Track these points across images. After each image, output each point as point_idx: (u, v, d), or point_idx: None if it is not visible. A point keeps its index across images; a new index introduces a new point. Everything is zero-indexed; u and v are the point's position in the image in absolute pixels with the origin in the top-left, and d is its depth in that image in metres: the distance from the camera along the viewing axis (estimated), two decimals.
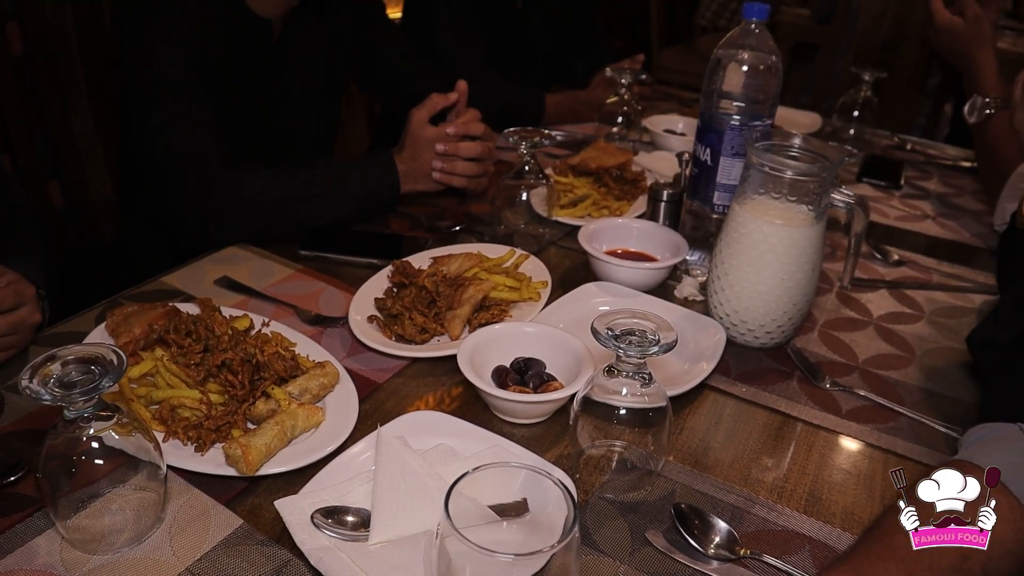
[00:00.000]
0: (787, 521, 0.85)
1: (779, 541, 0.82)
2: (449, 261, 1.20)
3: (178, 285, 1.21)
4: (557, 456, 0.91)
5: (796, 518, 0.85)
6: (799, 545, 0.82)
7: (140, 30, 1.35)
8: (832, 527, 0.84)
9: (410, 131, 1.41)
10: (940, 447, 0.97)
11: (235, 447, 0.82)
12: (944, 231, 1.60)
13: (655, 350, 0.79)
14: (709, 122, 1.21)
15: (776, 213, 1.05)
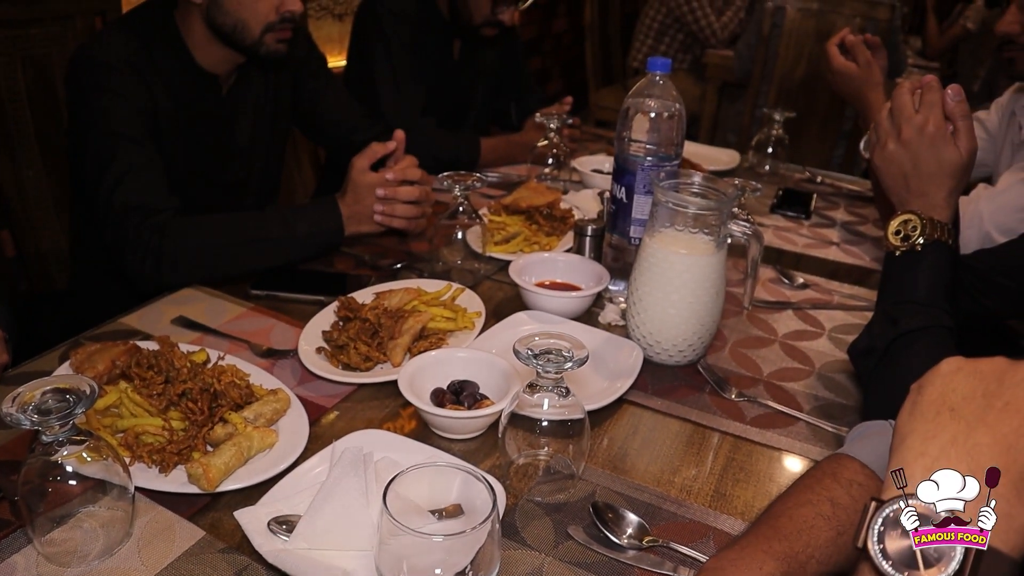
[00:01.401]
0: (694, 514, 0.96)
1: (686, 531, 0.93)
2: (390, 295, 1.30)
3: (137, 325, 1.29)
4: (490, 467, 1.02)
5: (702, 511, 0.97)
6: (703, 534, 0.93)
7: (95, 89, 1.44)
8: (734, 518, 0.96)
9: (352, 178, 1.51)
10: (831, 445, 1.10)
11: (197, 467, 0.91)
12: (847, 256, 1.76)
13: (569, 365, 0.90)
14: (623, 164, 1.35)
15: (681, 244, 1.18)
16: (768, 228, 1.87)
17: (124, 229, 1.37)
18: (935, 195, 1.11)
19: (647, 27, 4.84)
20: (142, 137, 1.44)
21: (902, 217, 1.11)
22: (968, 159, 1.11)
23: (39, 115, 1.91)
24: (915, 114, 1.11)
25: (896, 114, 1.13)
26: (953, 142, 1.10)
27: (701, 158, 2.18)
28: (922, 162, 1.10)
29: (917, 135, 1.10)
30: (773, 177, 2.23)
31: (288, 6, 1.53)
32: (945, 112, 1.11)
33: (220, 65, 1.60)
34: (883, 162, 1.14)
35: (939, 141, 1.09)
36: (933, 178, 1.10)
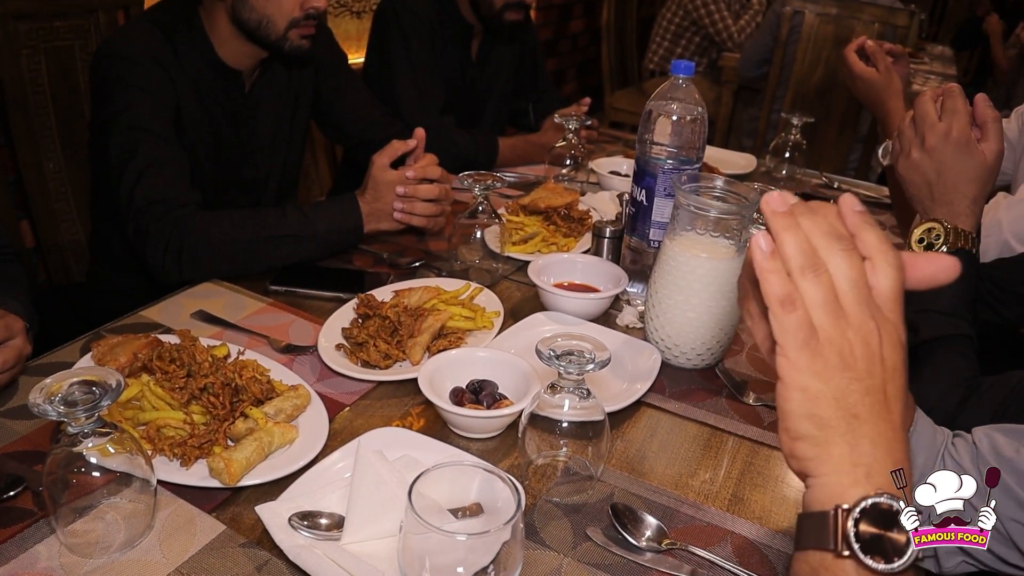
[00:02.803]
0: (712, 518, 0.96)
1: (704, 534, 0.93)
2: (410, 294, 1.30)
3: (157, 318, 1.29)
4: (509, 466, 1.02)
5: (720, 515, 0.97)
6: (722, 537, 0.93)
7: (119, 83, 1.44)
8: (751, 522, 0.96)
9: (372, 175, 1.52)
10: None
11: (218, 461, 0.91)
12: None
13: (591, 367, 0.90)
14: (644, 167, 1.35)
15: (702, 248, 1.18)
16: None
17: (146, 223, 1.38)
18: (959, 203, 1.11)
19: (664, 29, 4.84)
20: (165, 131, 1.45)
21: (926, 225, 1.11)
22: (994, 161, 1.11)
23: (61, 107, 1.93)
24: (939, 121, 1.10)
25: (919, 122, 1.12)
26: (978, 146, 1.10)
27: (718, 162, 2.18)
28: (946, 170, 1.10)
29: (942, 142, 1.10)
30: (790, 182, 2.23)
31: (312, 2, 1.54)
32: (975, 116, 1.11)
33: (243, 61, 1.61)
34: (907, 171, 1.14)
35: (963, 147, 1.09)
36: (957, 186, 1.10)
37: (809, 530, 0.58)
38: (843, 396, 0.57)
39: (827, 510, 0.56)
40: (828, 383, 0.57)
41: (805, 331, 0.57)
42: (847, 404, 0.57)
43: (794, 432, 0.58)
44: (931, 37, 6.03)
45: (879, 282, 0.59)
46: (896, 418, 0.58)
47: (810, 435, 0.58)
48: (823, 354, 0.57)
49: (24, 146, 1.88)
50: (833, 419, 0.57)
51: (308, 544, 0.83)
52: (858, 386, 0.57)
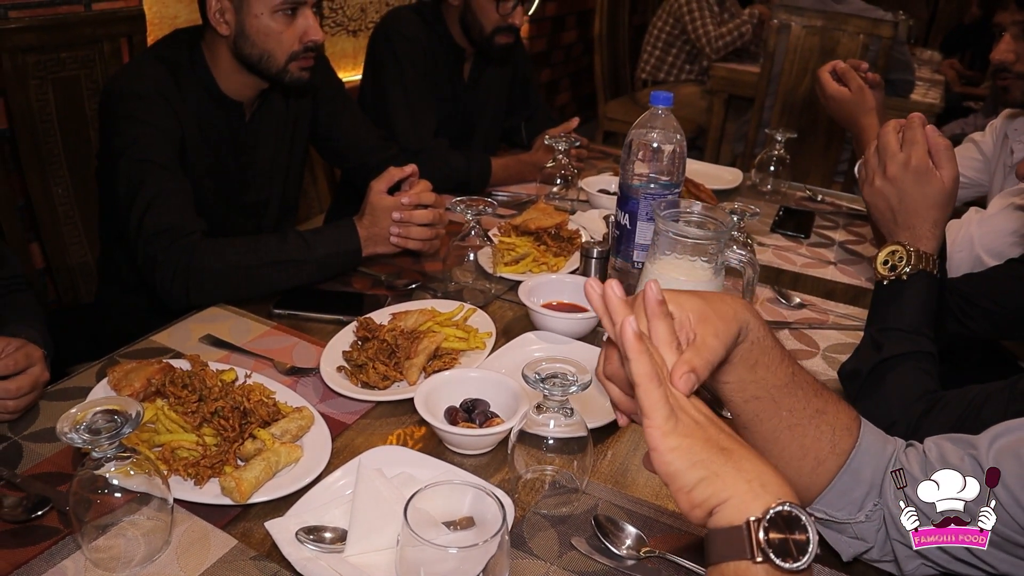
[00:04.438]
0: (690, 527, 1.03)
1: (682, 543, 1.01)
2: (406, 316, 1.38)
3: (167, 343, 1.37)
4: (500, 480, 1.09)
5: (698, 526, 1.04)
6: (698, 544, 1.00)
7: (126, 118, 1.52)
8: None
9: (369, 201, 1.59)
10: None
11: (230, 480, 0.98)
12: (843, 276, 1.82)
13: (574, 389, 0.97)
14: (627, 192, 1.42)
15: (681, 270, 1.25)
16: (768, 248, 1.94)
17: (154, 250, 1.45)
18: (920, 227, 1.18)
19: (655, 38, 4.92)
20: (170, 163, 1.53)
21: (889, 248, 1.18)
22: (952, 186, 1.18)
23: (68, 135, 2.00)
24: (899, 151, 1.18)
25: (882, 151, 1.20)
26: (936, 173, 1.17)
27: (705, 176, 2.25)
28: (907, 196, 1.17)
29: (901, 171, 1.17)
30: (775, 195, 2.30)
31: (311, 36, 1.62)
32: (928, 145, 1.18)
33: (244, 92, 1.68)
34: (871, 197, 1.21)
35: (922, 175, 1.16)
36: (918, 211, 1.17)
37: (722, 544, 0.66)
38: (708, 438, 0.68)
39: (739, 524, 0.65)
40: (692, 436, 0.67)
41: (669, 401, 0.69)
42: (715, 442, 0.68)
43: (687, 484, 0.67)
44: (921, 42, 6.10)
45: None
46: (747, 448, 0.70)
47: (700, 477, 0.66)
48: (682, 418, 0.68)
49: (33, 172, 1.95)
50: (711, 455, 0.67)
51: (314, 557, 0.90)
52: (713, 430, 0.69)
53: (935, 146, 1.16)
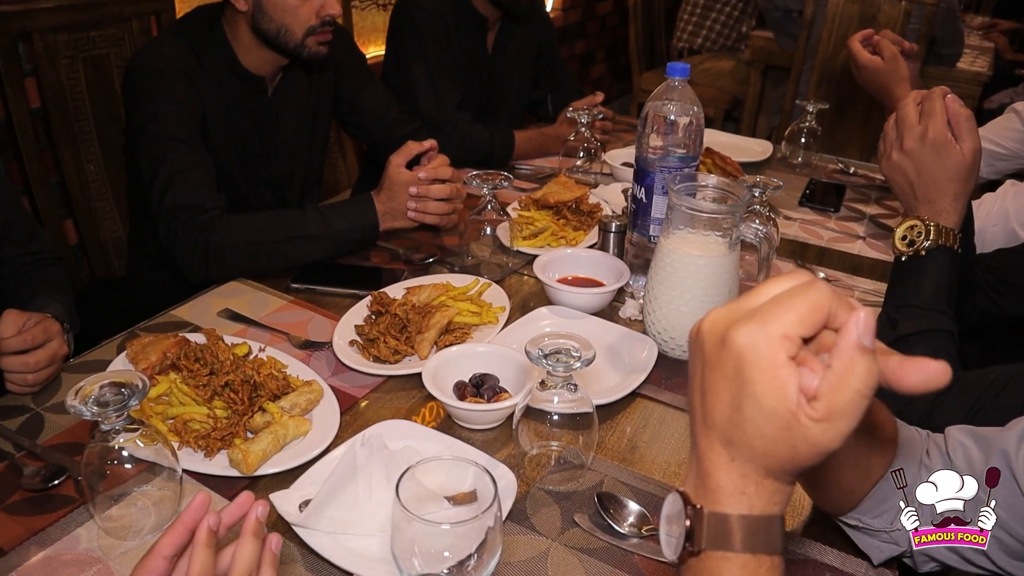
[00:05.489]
0: None
1: None
2: (419, 291, 1.38)
3: (187, 317, 1.39)
4: (506, 456, 1.09)
5: None
6: None
7: (149, 95, 1.54)
8: None
9: (388, 175, 1.59)
10: None
11: (237, 453, 1.00)
12: (871, 251, 1.78)
13: (577, 365, 0.97)
14: (644, 166, 1.40)
15: (695, 245, 1.24)
16: (795, 221, 1.91)
17: (175, 226, 1.47)
18: (940, 201, 1.14)
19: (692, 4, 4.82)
20: (192, 139, 1.54)
21: (908, 223, 1.15)
22: (972, 159, 1.14)
23: (99, 112, 2.04)
24: (917, 123, 1.14)
25: (900, 124, 1.16)
26: (956, 146, 1.13)
27: (734, 149, 2.21)
28: (925, 170, 1.14)
29: (919, 144, 1.14)
30: (805, 168, 2.25)
31: (328, 10, 1.62)
32: (948, 116, 1.14)
33: (265, 67, 1.69)
34: (889, 171, 1.18)
35: (941, 148, 1.13)
36: (937, 184, 1.14)
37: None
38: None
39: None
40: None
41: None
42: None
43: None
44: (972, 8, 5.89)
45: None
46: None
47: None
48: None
49: (65, 149, 1.99)
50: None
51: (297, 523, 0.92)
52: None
53: (955, 117, 1.12)
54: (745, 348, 0.54)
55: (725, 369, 0.55)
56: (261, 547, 0.76)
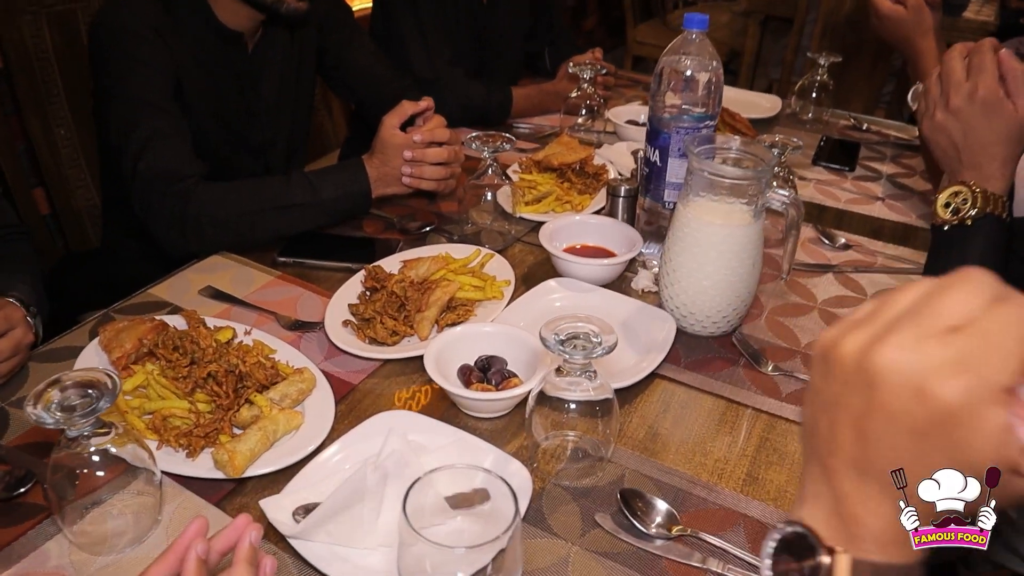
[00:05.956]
0: (724, 500, 0.94)
1: (716, 519, 0.92)
2: (417, 264, 1.28)
3: (165, 296, 1.28)
4: (517, 448, 1.00)
5: (733, 497, 0.95)
6: (734, 522, 0.91)
7: (117, 53, 1.41)
8: (765, 504, 0.94)
9: (380, 137, 1.48)
10: None
11: (222, 453, 0.91)
12: (892, 213, 1.69)
13: (599, 352, 0.87)
14: (657, 125, 1.29)
15: (716, 214, 1.14)
16: (809, 182, 1.80)
17: (150, 197, 1.36)
18: (988, 165, 1.04)
19: None
20: (166, 102, 1.42)
21: (952, 188, 1.05)
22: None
23: (67, 72, 1.90)
24: (964, 80, 1.04)
25: (945, 80, 1.06)
26: (1008, 104, 1.03)
27: (740, 105, 2.09)
28: (973, 131, 1.03)
29: (967, 103, 1.03)
30: (816, 124, 2.14)
31: None
32: (1001, 71, 1.04)
33: (244, 23, 1.56)
34: (932, 132, 1.08)
35: (991, 107, 1.02)
36: (986, 148, 1.04)
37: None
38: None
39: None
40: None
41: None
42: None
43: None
44: None
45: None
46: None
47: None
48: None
49: (32, 113, 1.86)
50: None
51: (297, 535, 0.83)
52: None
53: (1011, 72, 1.02)
54: (957, 405, 0.43)
55: (912, 422, 0.45)
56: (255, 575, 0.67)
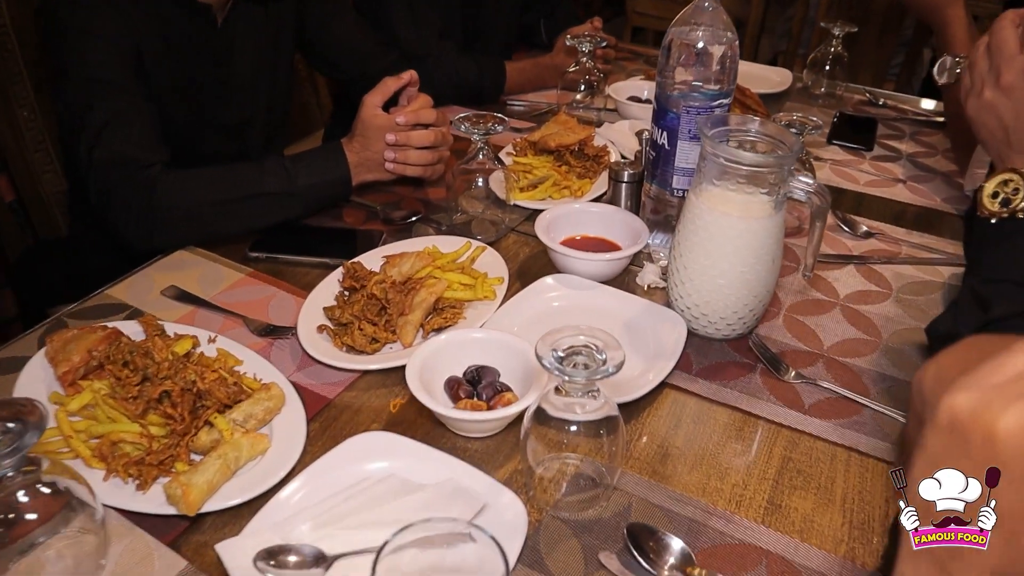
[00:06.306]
0: (744, 534, 0.83)
1: (735, 556, 0.81)
2: (401, 261, 1.16)
3: (124, 298, 1.17)
4: (512, 472, 0.89)
5: (754, 530, 0.84)
6: (756, 560, 0.81)
7: (70, 28, 1.28)
8: (790, 538, 0.83)
9: (361, 119, 1.35)
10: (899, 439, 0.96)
11: (176, 486, 0.80)
12: (915, 196, 1.57)
13: (603, 373, 0.76)
14: (665, 104, 1.17)
15: (733, 205, 1.02)
16: (825, 163, 1.68)
17: (107, 187, 1.24)
18: None
19: None
20: (125, 81, 1.29)
21: (1001, 176, 0.93)
22: None
23: (29, 48, 1.76)
24: (1019, 54, 0.91)
25: (995, 53, 0.93)
26: None
27: (748, 78, 1.96)
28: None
29: (1021, 79, 0.91)
30: (829, 99, 2.02)
31: None
32: None
33: None
34: (978, 112, 0.96)
35: None
36: None
37: None
38: None
39: None
40: None
41: None
42: None
43: None
44: None
45: None
46: None
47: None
48: None
49: None
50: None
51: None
52: None
53: None
54: None
55: None
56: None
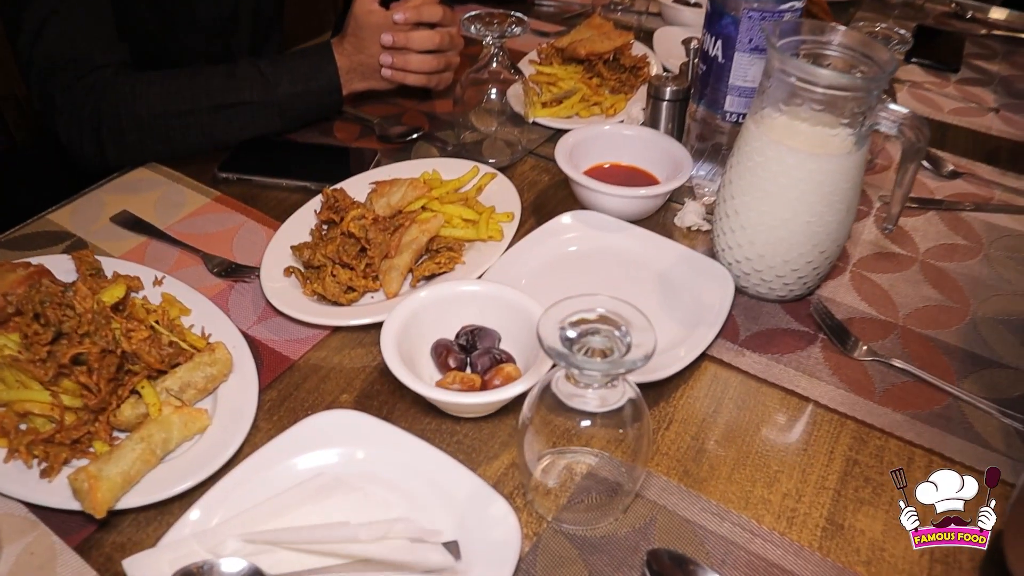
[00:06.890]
0: (798, 567, 0.66)
1: None
2: (391, 189, 0.97)
3: (67, 225, 0.99)
4: (507, 467, 0.72)
5: (808, 560, 0.66)
6: None
7: None
8: (854, 572, 0.65)
9: (354, 15, 1.14)
10: (998, 443, 0.76)
11: (82, 479, 0.63)
12: (1011, 129, 1.32)
13: (627, 365, 0.57)
14: (721, 6, 0.94)
15: (803, 137, 0.81)
16: (903, 85, 1.44)
17: (50, 91, 1.05)
18: None
19: None
20: None
21: None
22: None
23: None
24: None
25: None
26: None
27: None
28: None
29: None
30: (906, 9, 1.75)
31: None
32: None
33: None
34: None
35: None
36: None
37: None
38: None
39: None
40: None
41: None
42: None
43: None
44: None
45: None
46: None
47: None
48: None
49: None
50: None
51: None
52: None
53: None
54: None
55: None
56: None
